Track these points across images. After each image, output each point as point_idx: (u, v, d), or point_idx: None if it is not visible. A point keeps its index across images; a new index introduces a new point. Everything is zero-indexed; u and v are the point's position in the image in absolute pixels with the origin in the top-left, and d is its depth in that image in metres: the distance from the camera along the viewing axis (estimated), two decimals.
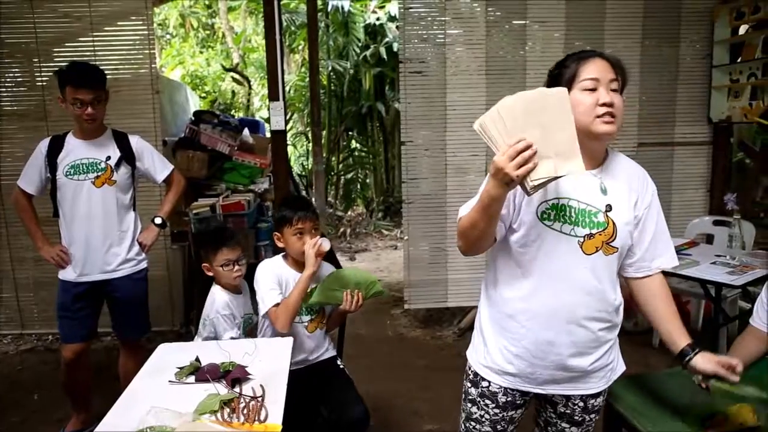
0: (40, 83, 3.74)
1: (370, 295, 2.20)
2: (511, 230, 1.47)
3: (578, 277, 1.43)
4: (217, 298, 2.31)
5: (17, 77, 3.78)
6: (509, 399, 1.57)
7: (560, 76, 1.44)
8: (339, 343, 2.54)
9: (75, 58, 3.53)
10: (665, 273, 1.58)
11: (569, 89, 1.38)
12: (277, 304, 2.11)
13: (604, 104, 1.36)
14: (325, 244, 2.14)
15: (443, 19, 3.94)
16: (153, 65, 3.82)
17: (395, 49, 6.99)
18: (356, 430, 2.11)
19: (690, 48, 4.15)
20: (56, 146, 2.58)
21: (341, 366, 2.34)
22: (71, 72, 2.49)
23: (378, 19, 7.88)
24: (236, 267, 2.32)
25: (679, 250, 3.21)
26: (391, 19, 7.60)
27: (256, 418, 1.43)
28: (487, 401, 1.59)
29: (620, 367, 1.61)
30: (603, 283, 1.45)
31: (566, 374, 1.50)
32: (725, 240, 3.52)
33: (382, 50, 7.57)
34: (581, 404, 1.57)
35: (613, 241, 1.44)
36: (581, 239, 1.41)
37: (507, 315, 1.51)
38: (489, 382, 1.57)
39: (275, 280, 2.19)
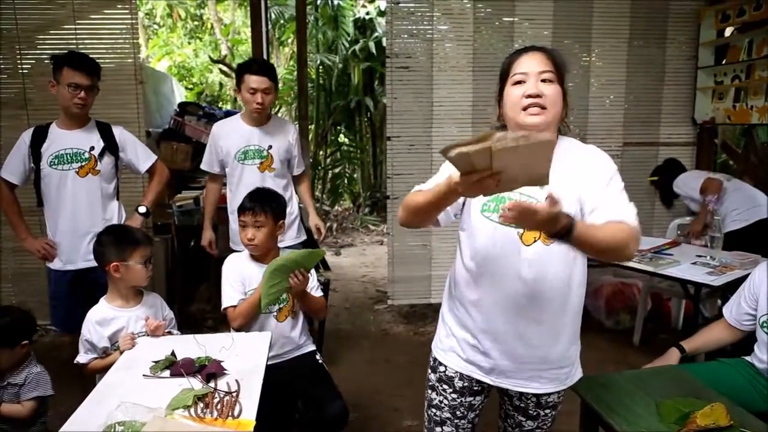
0: (21, 71, 3.67)
1: (314, 263, 2.13)
2: (457, 219, 1.53)
3: (521, 268, 1.43)
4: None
5: None
6: (466, 384, 1.58)
7: (503, 74, 1.49)
8: (319, 337, 2.53)
9: (58, 46, 3.50)
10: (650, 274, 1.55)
11: (504, 85, 1.46)
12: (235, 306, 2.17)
13: (529, 95, 1.39)
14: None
15: (432, 14, 3.93)
16: (137, 55, 3.77)
17: (384, 44, 6.97)
18: (334, 427, 2.11)
19: (676, 49, 4.19)
20: (40, 136, 2.59)
21: (320, 361, 2.33)
22: (71, 55, 2.56)
23: (368, 13, 7.84)
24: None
25: (660, 250, 3.25)
26: (381, 13, 7.55)
27: (230, 414, 1.42)
28: (445, 386, 1.61)
29: (578, 374, 1.60)
30: (549, 274, 1.43)
31: (513, 365, 1.49)
32: (706, 240, 3.56)
33: (372, 45, 7.53)
34: (534, 399, 1.57)
35: None
36: (520, 230, 1.42)
37: (459, 304, 1.56)
38: (446, 366, 1.60)
39: (237, 277, 2.21)
